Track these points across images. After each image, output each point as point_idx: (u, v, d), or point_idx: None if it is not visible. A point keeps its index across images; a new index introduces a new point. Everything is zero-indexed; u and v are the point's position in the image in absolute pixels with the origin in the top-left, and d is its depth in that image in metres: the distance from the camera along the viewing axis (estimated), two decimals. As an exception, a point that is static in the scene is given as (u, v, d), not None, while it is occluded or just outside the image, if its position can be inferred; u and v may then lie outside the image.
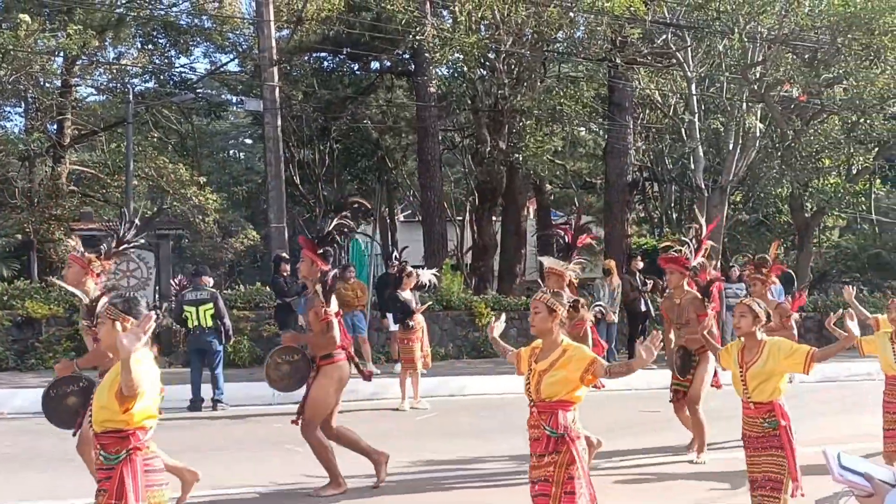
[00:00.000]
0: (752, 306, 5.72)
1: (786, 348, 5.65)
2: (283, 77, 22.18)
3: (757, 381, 5.64)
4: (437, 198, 20.20)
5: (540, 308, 5.01)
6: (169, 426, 10.54)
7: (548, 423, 4.88)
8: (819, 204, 21.39)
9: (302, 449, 9.08)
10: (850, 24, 16.44)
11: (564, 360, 4.91)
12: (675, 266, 8.35)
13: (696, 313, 8.14)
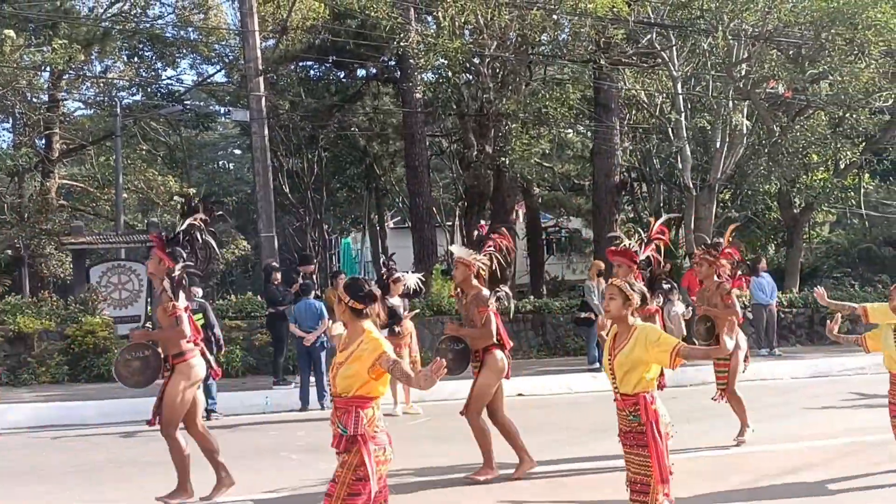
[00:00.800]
0: (622, 288, 5.25)
1: (653, 337, 5.11)
2: (269, 87, 22.20)
3: (623, 371, 5.19)
4: (426, 203, 20.22)
5: None
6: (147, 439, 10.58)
7: (341, 420, 4.70)
8: (807, 200, 21.48)
9: (296, 456, 9.11)
10: (834, 20, 16.50)
11: (357, 354, 4.75)
12: (622, 259, 8.26)
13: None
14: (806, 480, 7.69)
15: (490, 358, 7.94)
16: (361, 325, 4.89)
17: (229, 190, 33.38)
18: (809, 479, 7.75)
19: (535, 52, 19.59)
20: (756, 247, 29.05)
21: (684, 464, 8.46)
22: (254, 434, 10.72)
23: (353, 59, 22.11)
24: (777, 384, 14.52)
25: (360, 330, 4.87)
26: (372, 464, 4.66)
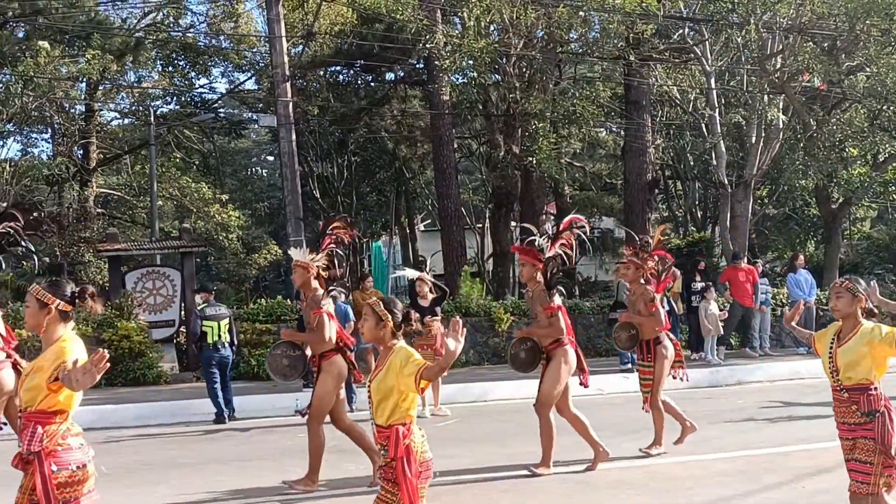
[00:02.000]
0: (374, 308, 4.72)
1: (401, 361, 4.51)
2: (298, 92, 22.28)
3: (377, 399, 4.61)
4: (455, 206, 20.12)
5: None
6: (198, 439, 10.62)
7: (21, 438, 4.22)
8: (846, 195, 21.05)
9: (324, 458, 9.06)
10: (869, 10, 16.18)
11: (39, 364, 4.24)
12: (527, 258, 8.04)
13: (542, 306, 7.89)
14: (843, 479, 7.48)
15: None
16: (57, 332, 4.35)
17: (261, 196, 33.62)
18: (846, 478, 7.53)
19: (563, 51, 19.44)
20: (795, 243, 28.61)
21: (722, 464, 8.30)
22: (282, 436, 10.70)
23: (381, 62, 22.11)
24: (816, 383, 14.20)
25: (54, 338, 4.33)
26: (48, 486, 4.10)
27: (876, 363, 5.13)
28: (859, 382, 5.13)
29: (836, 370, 5.21)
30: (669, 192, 31.30)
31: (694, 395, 13.04)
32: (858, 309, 5.24)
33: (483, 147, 24.99)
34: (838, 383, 5.21)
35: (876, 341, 5.08)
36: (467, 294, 17.17)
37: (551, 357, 8.04)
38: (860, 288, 5.27)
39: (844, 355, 5.17)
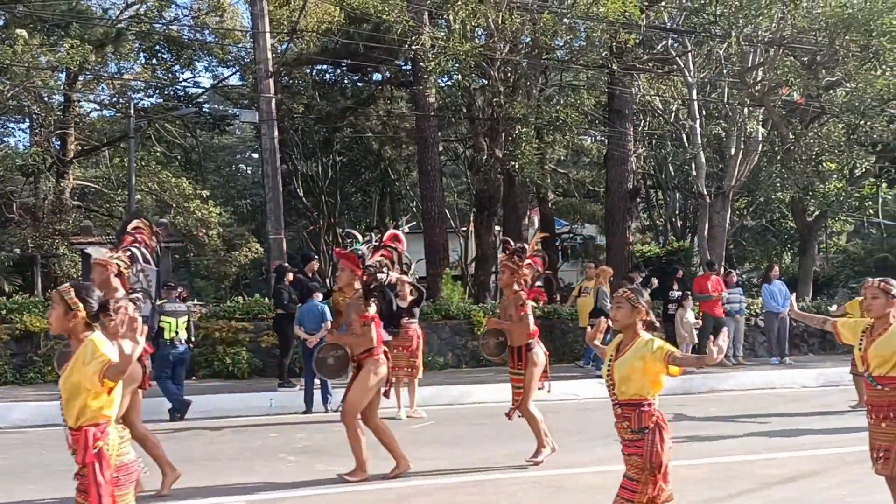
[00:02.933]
0: (629, 298, 5.15)
1: (90, 351, 4.28)
2: (283, 89, 22.27)
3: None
4: (438, 208, 20.18)
5: None
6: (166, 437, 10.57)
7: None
8: (821, 208, 21.28)
9: (294, 458, 9.09)
10: (848, 26, 16.39)
11: None
12: (347, 263, 8.01)
13: (357, 314, 7.87)
14: (808, 488, 7.59)
15: None
16: None
17: (244, 193, 33.49)
18: (811, 486, 7.64)
19: (548, 57, 19.56)
20: (771, 254, 28.88)
21: (687, 471, 8.39)
22: (254, 435, 10.70)
23: (367, 62, 22.12)
24: (787, 392, 14.37)
25: None
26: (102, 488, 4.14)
27: (649, 379, 4.96)
28: (632, 398, 4.98)
29: (612, 384, 5.05)
30: (650, 200, 31.53)
31: (667, 402, 13.12)
32: (638, 321, 5.07)
33: (468, 150, 25.06)
34: (614, 397, 5.06)
35: (648, 356, 4.93)
36: (448, 297, 17.23)
37: (362, 366, 7.94)
38: (641, 300, 5.11)
39: (620, 368, 5.02)
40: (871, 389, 5.69)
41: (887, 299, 5.69)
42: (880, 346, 5.63)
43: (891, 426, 5.54)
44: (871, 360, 5.65)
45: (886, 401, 5.57)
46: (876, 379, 5.63)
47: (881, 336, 5.65)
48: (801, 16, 16.94)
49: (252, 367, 15.03)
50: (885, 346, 5.61)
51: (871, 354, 5.66)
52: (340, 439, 10.19)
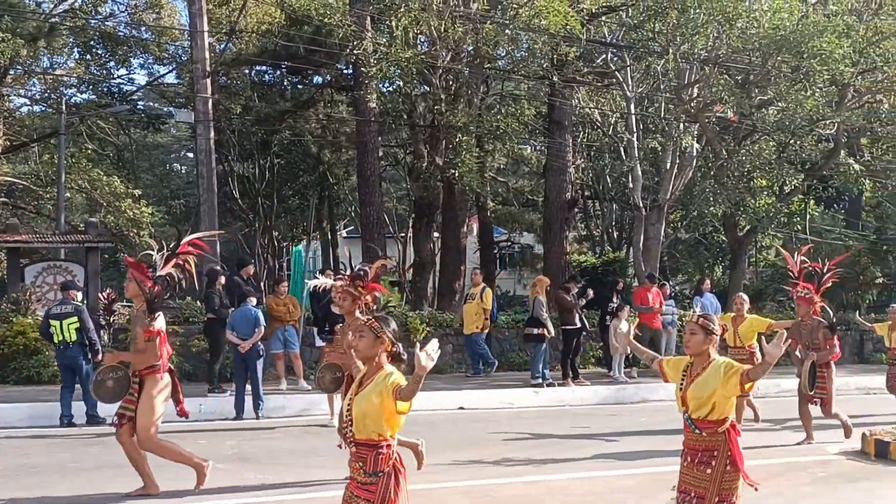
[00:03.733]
0: None
1: None
2: (220, 89, 21.94)
3: None
4: (377, 214, 20.07)
5: None
6: (92, 443, 10.30)
7: None
8: (752, 223, 21.76)
9: (223, 466, 8.92)
10: (781, 47, 16.78)
11: None
12: (136, 273, 7.70)
13: (141, 328, 7.58)
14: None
15: None
16: None
17: (178, 193, 32.93)
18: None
19: (490, 67, 19.64)
20: (703, 267, 29.41)
21: (619, 480, 8.48)
22: (183, 442, 10.39)
23: (308, 65, 21.91)
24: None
25: None
26: None
27: (385, 417, 4.60)
28: (369, 437, 4.64)
29: (350, 421, 4.70)
30: (587, 211, 31.88)
31: (600, 411, 13.29)
32: (382, 352, 4.73)
33: (408, 157, 25.03)
34: (350, 435, 4.73)
35: (384, 391, 4.56)
36: (385, 303, 17.12)
37: (144, 383, 7.62)
38: (387, 330, 4.75)
39: (359, 404, 4.66)
40: (689, 432, 5.32)
41: (706, 335, 5.35)
42: (698, 387, 5.27)
43: (703, 473, 5.21)
44: (689, 402, 5.30)
45: (703, 445, 5.25)
46: (695, 422, 5.28)
47: (699, 376, 5.29)
48: (735, 36, 17.29)
49: (181, 371, 14.72)
50: (703, 388, 5.24)
51: (689, 395, 5.30)
52: (272, 447, 10.08)
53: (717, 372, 5.19)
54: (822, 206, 28.55)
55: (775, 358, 4.88)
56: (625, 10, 19.19)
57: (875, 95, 19.34)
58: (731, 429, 5.25)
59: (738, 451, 5.21)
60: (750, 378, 5.07)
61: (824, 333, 9.93)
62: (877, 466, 9.10)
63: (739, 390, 5.11)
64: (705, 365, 5.30)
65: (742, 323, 11.25)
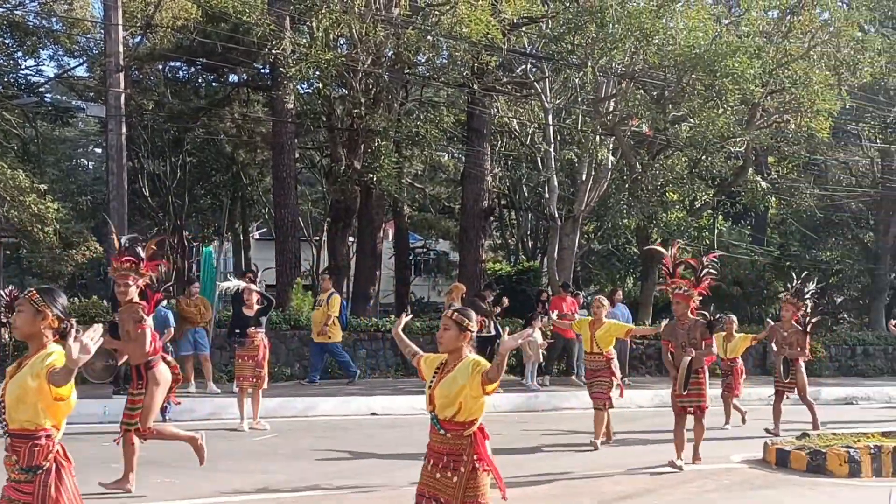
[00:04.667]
0: None
1: None
2: (133, 84, 21.35)
3: None
4: (292, 216, 19.80)
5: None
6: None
7: None
8: (663, 236, 22.25)
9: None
10: (695, 65, 17.21)
11: None
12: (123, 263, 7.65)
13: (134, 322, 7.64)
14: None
15: None
16: None
17: (85, 189, 31.90)
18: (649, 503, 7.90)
19: (410, 72, 19.61)
20: (615, 278, 29.94)
21: (531, 488, 8.51)
22: (87, 444, 10.10)
23: (224, 62, 21.51)
24: (624, 412, 14.86)
25: None
26: None
27: (45, 404, 4.17)
28: (24, 427, 4.16)
29: (2, 408, 4.22)
30: (503, 220, 32.15)
31: (510, 419, 13.36)
32: (46, 332, 4.35)
33: (325, 159, 24.79)
34: (3, 424, 4.23)
35: (41, 371, 4.14)
36: (298, 307, 16.93)
37: (147, 377, 7.77)
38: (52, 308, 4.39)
39: (12, 391, 4.22)
40: (434, 433, 4.93)
41: (459, 331, 5.00)
42: (446, 385, 4.89)
43: (445, 477, 4.83)
44: (436, 401, 4.90)
45: (448, 448, 4.86)
46: (441, 423, 4.88)
47: (449, 374, 4.92)
48: (652, 52, 17.67)
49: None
50: (451, 386, 4.86)
51: (436, 394, 4.91)
52: (180, 450, 9.81)
53: (466, 370, 4.85)
54: (730, 222, 29.40)
55: (507, 349, 4.69)
56: (545, 22, 19.42)
57: (783, 116, 20.00)
58: (480, 432, 4.89)
59: (487, 455, 4.85)
60: (489, 378, 4.74)
61: (702, 332, 9.50)
62: (777, 475, 9.36)
63: (481, 391, 4.77)
64: (456, 363, 4.95)
65: (599, 328, 10.84)
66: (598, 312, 10.99)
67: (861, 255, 28.45)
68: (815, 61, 19.02)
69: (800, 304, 12.27)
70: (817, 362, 21.95)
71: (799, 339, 12.15)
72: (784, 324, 12.36)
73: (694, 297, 9.60)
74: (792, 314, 12.25)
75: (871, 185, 27.40)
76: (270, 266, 20.72)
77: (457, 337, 4.99)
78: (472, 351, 5.04)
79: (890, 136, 25.95)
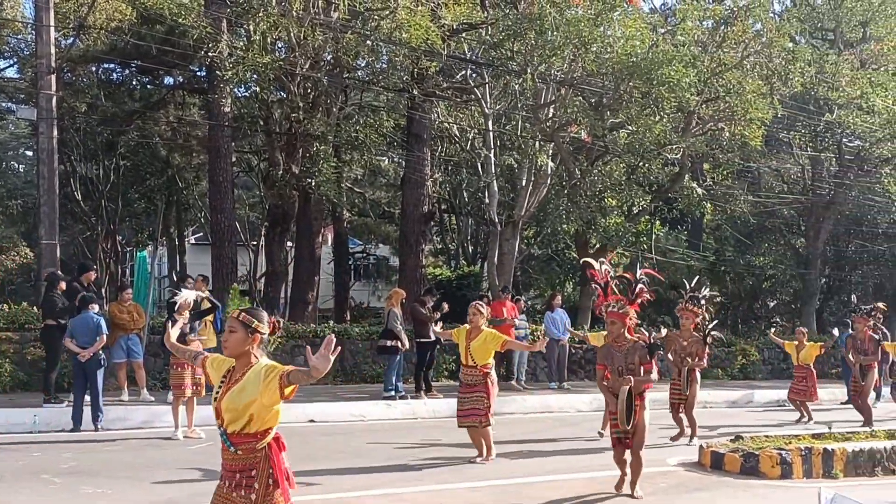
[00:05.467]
0: None
1: None
2: (65, 87, 20.86)
3: None
4: (228, 220, 19.52)
5: None
6: None
7: None
8: (602, 241, 22.49)
9: (59, 480, 8.43)
10: (633, 73, 17.44)
11: None
12: None
13: None
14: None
15: None
16: None
17: (15, 193, 31.03)
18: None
19: (349, 77, 19.51)
20: (555, 283, 30.16)
21: (468, 493, 8.50)
22: (16, 454, 9.83)
23: (159, 65, 21.13)
24: (564, 416, 14.99)
25: None
26: None
27: None
28: None
29: None
30: (444, 225, 32.17)
31: (451, 423, 13.33)
32: None
33: (262, 163, 24.51)
34: None
35: None
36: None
37: None
38: None
39: None
40: (225, 450, 4.47)
41: (246, 334, 4.52)
42: (234, 395, 4.41)
43: (241, 496, 4.42)
44: (224, 414, 4.42)
45: (240, 465, 4.43)
46: (230, 438, 4.42)
47: (238, 383, 4.44)
48: (590, 60, 17.86)
49: (15, 380, 13.89)
50: (240, 397, 4.39)
51: (223, 406, 4.42)
52: (112, 460, 9.59)
53: (257, 379, 4.38)
54: (667, 227, 29.84)
55: (320, 372, 4.15)
56: (485, 29, 19.49)
57: (717, 123, 20.38)
58: (275, 442, 4.48)
59: (281, 469, 4.46)
60: (291, 381, 4.30)
61: (641, 356, 8.17)
62: (712, 477, 9.50)
63: (279, 396, 4.33)
64: (245, 370, 4.48)
65: (476, 338, 9.70)
66: (475, 320, 9.77)
67: (793, 260, 29.12)
68: (748, 71, 19.44)
69: (697, 310, 11.68)
70: (751, 365, 22.46)
71: (698, 349, 11.65)
72: (683, 332, 11.83)
73: (630, 314, 8.40)
74: (691, 322, 11.73)
75: (802, 192, 28.09)
76: (201, 266, 20.36)
77: (244, 340, 4.51)
78: (263, 354, 4.56)
79: (820, 144, 26.63)
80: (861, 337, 13.71)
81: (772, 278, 30.07)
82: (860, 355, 13.63)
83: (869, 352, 13.63)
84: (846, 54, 25.06)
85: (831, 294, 31.78)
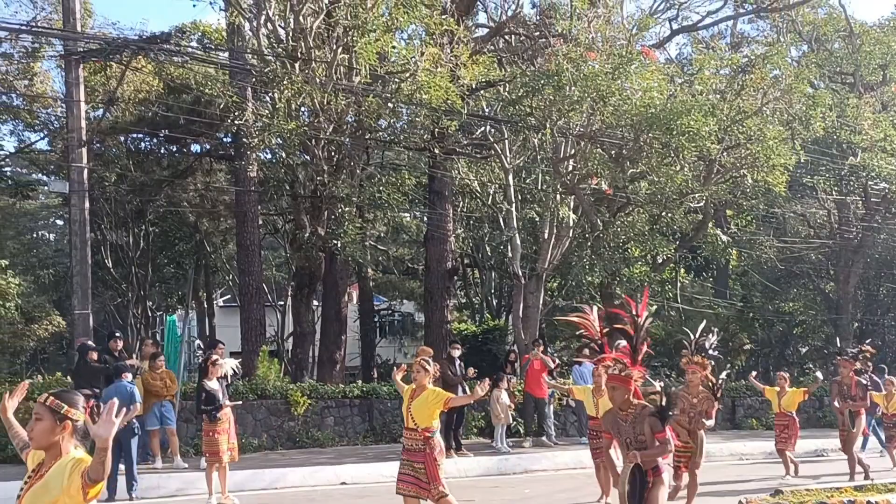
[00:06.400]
0: None
1: None
2: (95, 158, 21.31)
3: None
4: (256, 282, 19.75)
5: None
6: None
7: None
8: (627, 291, 22.44)
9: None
10: (652, 124, 17.56)
11: None
12: None
13: None
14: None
15: None
16: None
17: (47, 262, 31.58)
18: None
19: (371, 137, 19.82)
20: (581, 336, 30.06)
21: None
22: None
23: (186, 133, 21.61)
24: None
25: None
26: None
27: None
28: None
29: None
30: (468, 279, 32.25)
31: (482, 483, 13.26)
32: None
33: (288, 225, 24.81)
34: None
35: None
36: (264, 375, 16.75)
37: None
38: None
39: None
40: None
41: (54, 421, 4.05)
42: (36, 494, 4.00)
43: None
44: None
45: None
46: None
47: (41, 479, 4.04)
48: (609, 113, 18.02)
49: (49, 451, 13.95)
50: (42, 497, 3.97)
51: None
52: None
53: (62, 474, 3.95)
54: (692, 275, 29.76)
55: (106, 441, 3.78)
56: (503, 86, 19.78)
57: (740, 170, 20.40)
58: None
59: None
60: (91, 479, 3.87)
61: (652, 426, 6.61)
62: (752, 531, 9.36)
63: (82, 497, 3.90)
64: (52, 463, 4.01)
65: (419, 396, 8.41)
66: (419, 378, 8.43)
67: (823, 304, 28.86)
68: (768, 117, 19.47)
69: (705, 361, 9.70)
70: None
71: (709, 407, 9.43)
72: (691, 388, 9.62)
73: (634, 378, 6.90)
74: (699, 375, 9.61)
75: (828, 236, 27.94)
76: (230, 328, 20.46)
77: (51, 429, 4.00)
78: (77, 446, 4.07)
79: (845, 187, 26.57)
80: (846, 382, 13.03)
81: (802, 324, 29.75)
82: (847, 401, 12.92)
83: (857, 398, 12.90)
84: (867, 97, 25.14)
85: (864, 338, 31.26)
